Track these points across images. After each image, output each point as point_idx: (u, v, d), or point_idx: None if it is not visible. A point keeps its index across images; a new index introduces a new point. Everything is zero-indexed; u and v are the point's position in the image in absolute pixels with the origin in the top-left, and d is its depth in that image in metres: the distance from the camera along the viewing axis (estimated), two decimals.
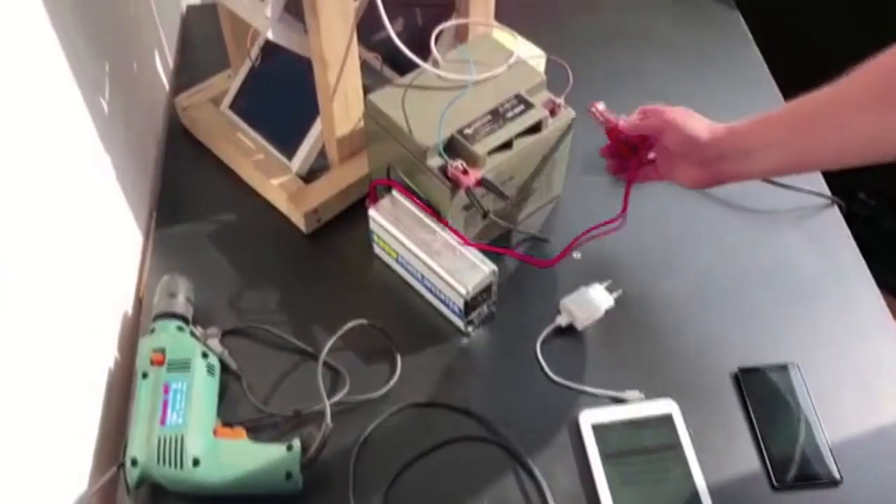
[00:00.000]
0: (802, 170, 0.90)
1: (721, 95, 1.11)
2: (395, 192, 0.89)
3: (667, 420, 0.81)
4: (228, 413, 0.82)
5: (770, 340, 0.88)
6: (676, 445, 0.79)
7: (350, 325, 0.86)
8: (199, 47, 1.20)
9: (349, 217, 0.98)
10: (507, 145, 0.86)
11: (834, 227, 0.99)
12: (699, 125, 0.81)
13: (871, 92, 0.69)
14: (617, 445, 0.79)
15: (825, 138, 0.73)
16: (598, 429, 0.80)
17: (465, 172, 0.83)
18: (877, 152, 0.70)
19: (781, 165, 0.78)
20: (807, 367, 0.86)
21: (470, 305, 0.85)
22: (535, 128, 0.88)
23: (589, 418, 0.81)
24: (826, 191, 1.02)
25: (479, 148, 0.84)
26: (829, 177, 1.03)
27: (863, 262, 0.95)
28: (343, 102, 0.91)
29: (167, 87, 1.14)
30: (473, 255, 0.85)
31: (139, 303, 0.93)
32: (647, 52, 1.20)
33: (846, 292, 0.93)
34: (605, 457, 0.78)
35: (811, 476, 0.79)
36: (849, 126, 0.71)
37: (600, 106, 0.90)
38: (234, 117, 1.03)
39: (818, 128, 0.73)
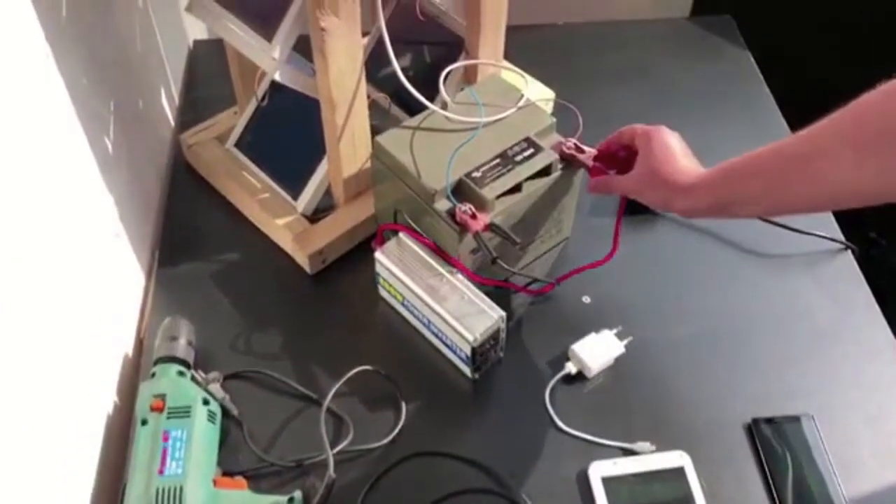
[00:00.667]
0: (777, 216, 0.94)
1: (732, 136, 1.10)
2: (401, 235, 0.88)
3: (679, 473, 0.79)
4: (229, 461, 0.80)
5: (783, 389, 0.86)
6: (689, 499, 0.77)
7: (355, 370, 0.84)
8: (206, 83, 1.19)
9: (354, 258, 0.96)
10: (515, 189, 0.85)
11: (847, 273, 0.97)
12: (678, 163, 0.78)
13: (846, 141, 0.63)
14: (627, 499, 0.77)
15: (800, 193, 0.69)
16: (609, 482, 0.78)
17: (473, 217, 0.82)
18: (858, 200, 0.66)
19: (753, 215, 0.77)
20: (822, 417, 0.84)
21: (477, 352, 0.83)
22: (545, 171, 0.87)
23: (599, 471, 0.79)
24: (839, 235, 1.01)
25: (488, 192, 0.83)
26: (841, 216, 1.02)
27: (877, 308, 0.94)
28: (350, 143, 0.90)
29: (172, 123, 1.13)
30: (481, 300, 0.84)
31: (140, 344, 0.91)
32: (659, 93, 1.19)
33: (860, 339, 0.91)
34: None
35: None
36: (824, 179, 0.66)
37: (570, 143, 0.88)
38: (240, 155, 1.02)
39: (793, 184, 0.69)
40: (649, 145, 0.80)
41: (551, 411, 0.84)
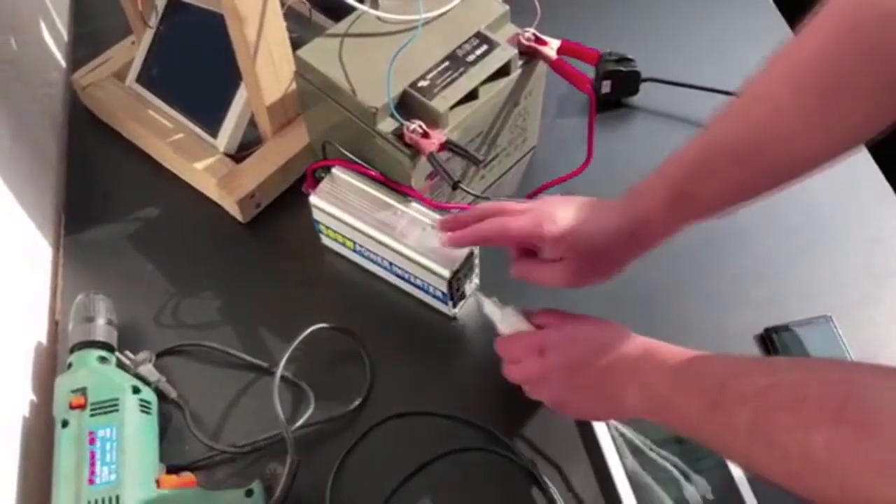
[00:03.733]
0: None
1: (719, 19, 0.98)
2: (335, 170, 0.75)
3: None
4: (174, 454, 0.68)
5: (794, 291, 0.77)
6: None
7: (309, 330, 0.72)
8: (100, 11, 1.02)
9: (293, 198, 0.82)
10: (471, 96, 0.72)
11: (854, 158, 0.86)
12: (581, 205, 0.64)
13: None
14: (635, 438, 0.68)
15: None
16: (614, 423, 0.68)
17: (425, 135, 0.69)
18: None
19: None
20: (840, 318, 0.74)
21: (454, 286, 0.71)
22: (503, 70, 0.73)
23: None
24: None
25: (440, 103, 0.70)
26: None
27: (886, 184, 0.84)
28: (268, 62, 0.76)
29: (63, 63, 0.96)
30: None
31: (55, 327, 0.78)
32: None
33: (870, 222, 0.81)
34: (625, 454, 0.67)
35: None
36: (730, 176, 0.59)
37: (528, 33, 0.74)
38: (144, 92, 0.87)
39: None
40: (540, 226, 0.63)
41: None
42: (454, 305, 0.74)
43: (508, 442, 0.69)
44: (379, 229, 0.72)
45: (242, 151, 0.83)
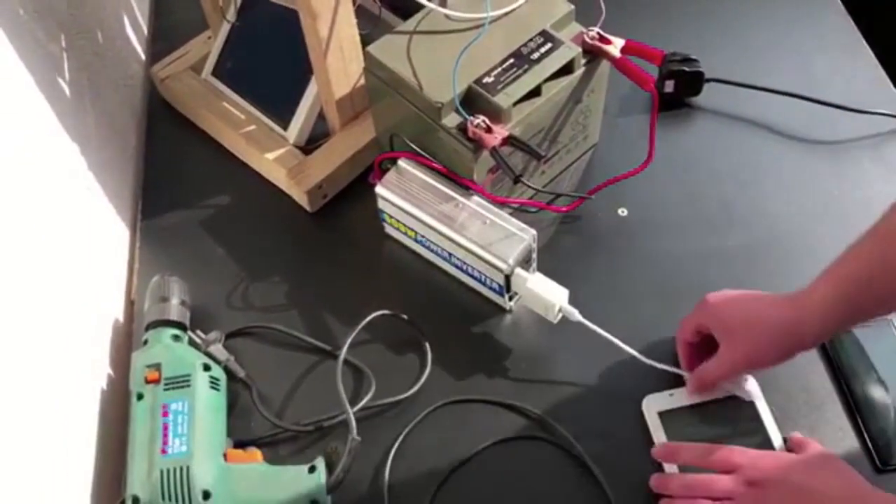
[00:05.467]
0: None
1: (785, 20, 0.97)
2: (401, 162, 0.77)
3: (744, 400, 0.69)
4: (240, 430, 0.71)
5: None
6: (759, 429, 0.68)
7: (371, 316, 0.75)
8: (179, 5, 1.06)
9: (359, 189, 0.85)
10: (534, 93, 0.73)
11: None
12: (761, 359, 0.65)
13: None
14: (690, 434, 0.68)
15: None
16: (667, 417, 0.69)
17: (488, 130, 0.70)
18: None
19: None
20: None
21: (511, 279, 0.73)
22: (566, 68, 0.75)
23: (654, 405, 0.69)
24: None
25: (503, 99, 0.71)
26: None
27: None
28: (339, 57, 0.78)
29: (143, 56, 1.01)
30: (506, 221, 0.74)
31: (131, 307, 0.82)
32: None
33: None
34: None
35: None
36: None
37: (593, 32, 0.75)
38: (219, 85, 0.91)
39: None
40: (716, 314, 0.67)
41: (605, 334, 0.73)
42: (510, 298, 0.76)
43: (563, 431, 0.70)
44: (440, 220, 0.74)
45: (311, 144, 0.86)
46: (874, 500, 0.58)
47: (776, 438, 0.67)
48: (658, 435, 0.68)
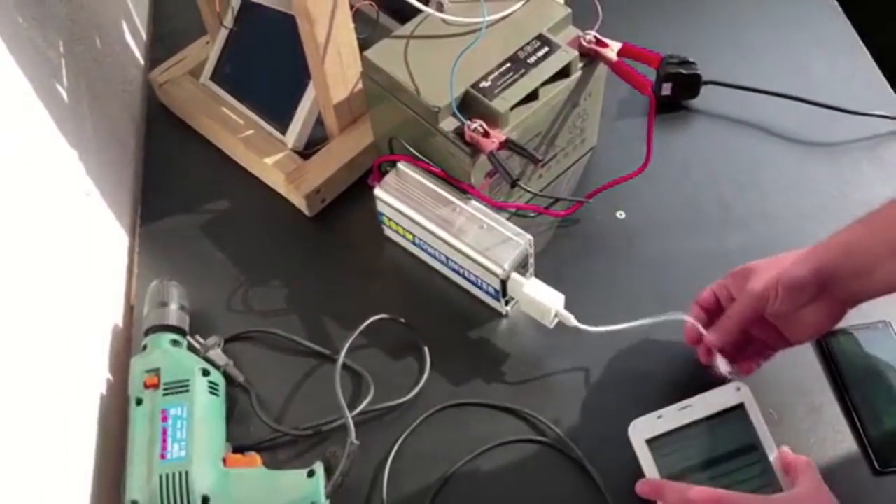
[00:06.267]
0: None
1: (783, 22, 0.97)
2: (400, 165, 0.77)
3: (738, 413, 0.66)
4: (239, 435, 0.72)
5: None
6: (755, 445, 0.65)
7: (370, 320, 0.75)
8: (177, 11, 1.07)
9: (358, 194, 0.85)
10: (531, 97, 0.74)
11: None
12: (786, 271, 0.63)
13: None
14: (681, 461, 0.65)
15: None
16: (655, 444, 0.66)
17: (485, 134, 0.71)
18: None
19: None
20: None
21: (507, 284, 0.73)
22: (563, 72, 0.75)
23: (641, 431, 0.66)
24: None
25: (500, 103, 0.72)
26: None
27: None
28: (337, 62, 0.78)
29: (142, 61, 1.01)
30: (503, 226, 0.74)
31: (130, 312, 0.82)
32: None
33: None
34: (671, 477, 0.65)
35: None
36: None
37: (590, 36, 0.75)
38: (218, 90, 0.91)
39: None
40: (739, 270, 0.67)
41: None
42: (507, 303, 0.76)
43: (561, 434, 0.70)
44: (438, 224, 0.74)
45: (310, 148, 0.86)
46: None
47: (771, 453, 0.65)
48: (647, 464, 0.65)
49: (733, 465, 0.65)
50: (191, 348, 0.74)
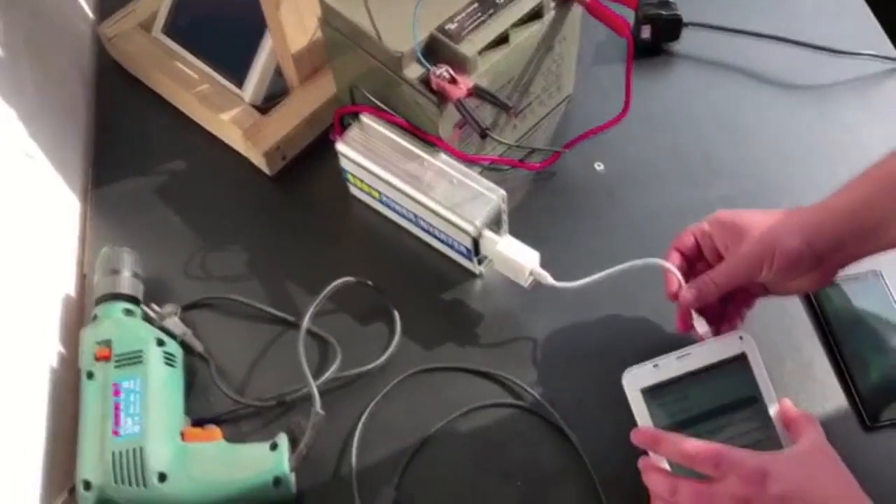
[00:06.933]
0: None
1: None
2: (363, 117, 0.72)
3: (740, 363, 0.63)
4: (199, 407, 0.68)
5: None
6: (755, 397, 0.62)
7: (335, 283, 0.71)
8: None
9: (320, 150, 0.81)
10: (502, 40, 0.69)
11: None
12: (783, 240, 0.58)
13: None
14: (679, 412, 0.62)
15: None
16: (651, 394, 0.62)
17: (452, 81, 0.66)
18: None
19: None
20: (891, 273, 0.70)
21: (479, 242, 0.69)
22: (535, 13, 0.70)
23: (636, 381, 0.62)
24: (892, 51, 0.85)
25: (467, 47, 0.67)
26: (891, 26, 0.86)
27: None
28: (293, 9, 0.73)
29: (90, 14, 0.95)
30: (474, 181, 0.70)
31: (83, 280, 0.78)
32: None
33: None
34: (666, 429, 0.61)
35: None
36: None
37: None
38: (170, 43, 0.85)
39: None
40: (726, 220, 0.62)
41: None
42: (480, 262, 0.72)
43: (538, 397, 0.67)
44: (405, 180, 0.70)
45: (269, 102, 0.81)
46: None
47: (772, 406, 0.61)
48: (641, 415, 0.62)
49: (732, 418, 0.62)
50: (145, 317, 0.70)
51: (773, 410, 0.61)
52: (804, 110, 0.82)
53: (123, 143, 0.84)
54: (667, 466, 0.60)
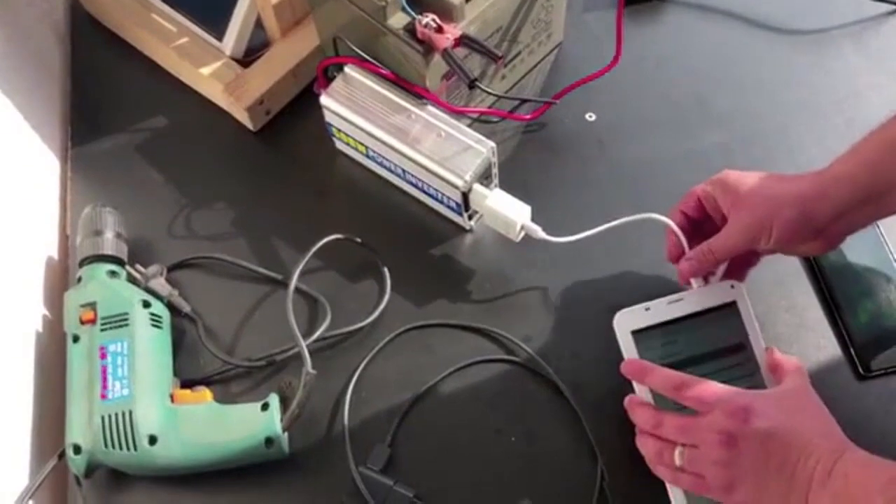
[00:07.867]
0: None
1: None
2: (348, 69, 0.70)
3: (729, 311, 0.63)
4: (189, 369, 0.67)
5: None
6: (743, 344, 0.62)
7: (324, 241, 0.70)
8: None
9: (305, 104, 0.79)
10: None
11: None
12: (781, 212, 0.57)
13: None
14: (668, 355, 0.62)
15: None
16: (642, 336, 0.63)
17: (439, 30, 0.64)
18: None
19: None
20: (887, 223, 0.69)
21: (469, 197, 0.68)
22: None
23: (627, 323, 0.63)
24: None
25: None
26: None
27: None
28: None
29: None
30: (463, 133, 0.68)
31: (65, 241, 0.76)
32: None
33: None
34: None
35: None
36: None
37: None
38: None
39: None
40: (728, 183, 0.60)
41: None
42: (470, 217, 0.71)
43: (530, 352, 0.66)
44: (392, 134, 0.68)
45: (250, 55, 0.79)
46: (848, 449, 0.54)
47: (759, 353, 0.62)
48: (630, 356, 0.62)
49: (719, 364, 0.62)
50: (130, 279, 0.68)
51: (760, 357, 0.62)
52: (800, 55, 0.80)
53: (102, 101, 0.82)
54: (651, 402, 0.60)
